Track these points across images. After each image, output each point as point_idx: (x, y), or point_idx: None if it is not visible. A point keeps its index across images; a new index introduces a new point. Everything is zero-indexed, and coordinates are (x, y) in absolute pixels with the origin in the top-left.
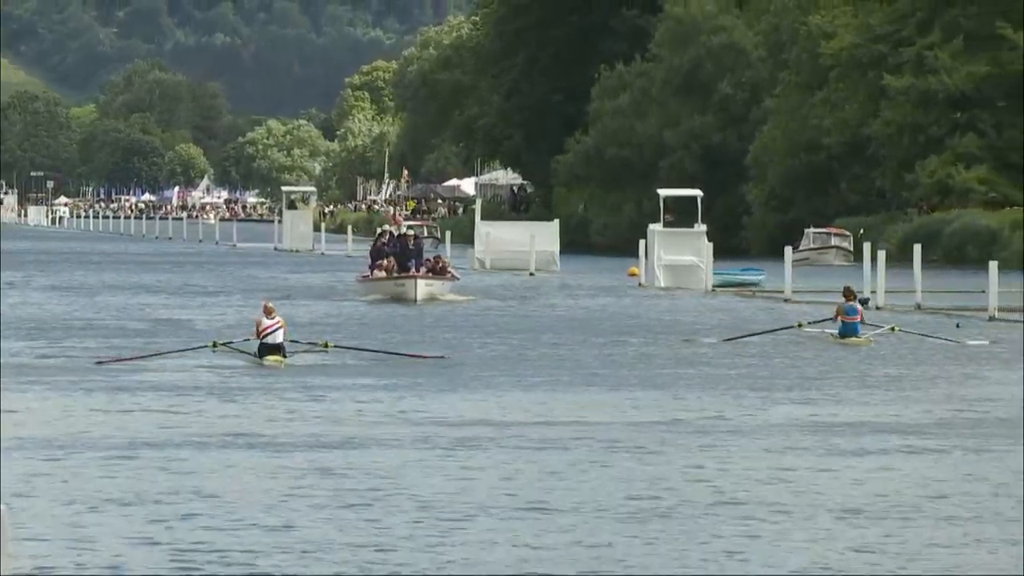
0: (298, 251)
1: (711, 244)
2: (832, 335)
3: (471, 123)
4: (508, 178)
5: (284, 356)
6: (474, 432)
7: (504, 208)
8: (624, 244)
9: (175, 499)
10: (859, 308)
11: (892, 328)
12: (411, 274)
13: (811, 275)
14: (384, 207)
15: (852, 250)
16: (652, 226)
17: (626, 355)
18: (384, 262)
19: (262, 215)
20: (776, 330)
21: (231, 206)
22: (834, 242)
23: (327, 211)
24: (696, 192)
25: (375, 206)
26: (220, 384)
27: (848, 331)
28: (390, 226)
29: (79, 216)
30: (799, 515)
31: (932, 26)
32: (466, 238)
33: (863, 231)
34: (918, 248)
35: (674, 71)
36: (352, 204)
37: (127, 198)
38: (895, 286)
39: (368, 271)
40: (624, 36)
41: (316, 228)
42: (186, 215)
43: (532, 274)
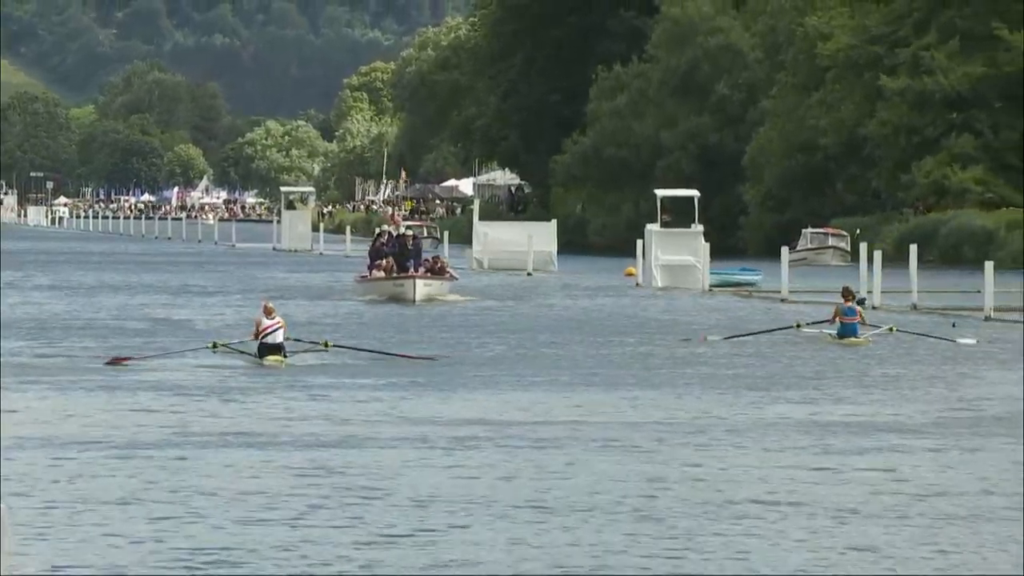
0: (297, 251)
1: (708, 244)
2: (831, 336)
3: (469, 124)
4: (506, 178)
5: (284, 356)
6: (472, 431)
7: (502, 208)
8: (621, 244)
9: (175, 499)
10: (858, 309)
11: (890, 328)
12: (410, 274)
13: (808, 275)
14: (382, 207)
15: (849, 250)
16: (649, 226)
17: (623, 355)
18: (383, 262)
19: (261, 215)
20: (774, 330)
21: (230, 206)
22: (831, 242)
23: (326, 211)
24: (693, 192)
25: (373, 206)
26: (220, 384)
27: (847, 332)
28: (389, 226)
29: (79, 216)
30: (797, 514)
31: (928, 27)
32: (464, 238)
33: (859, 231)
34: (914, 248)
35: (671, 72)
36: (350, 204)
37: (126, 198)
38: (891, 286)
39: (367, 271)
40: (621, 37)
41: (315, 228)
42: (185, 215)
43: (530, 274)
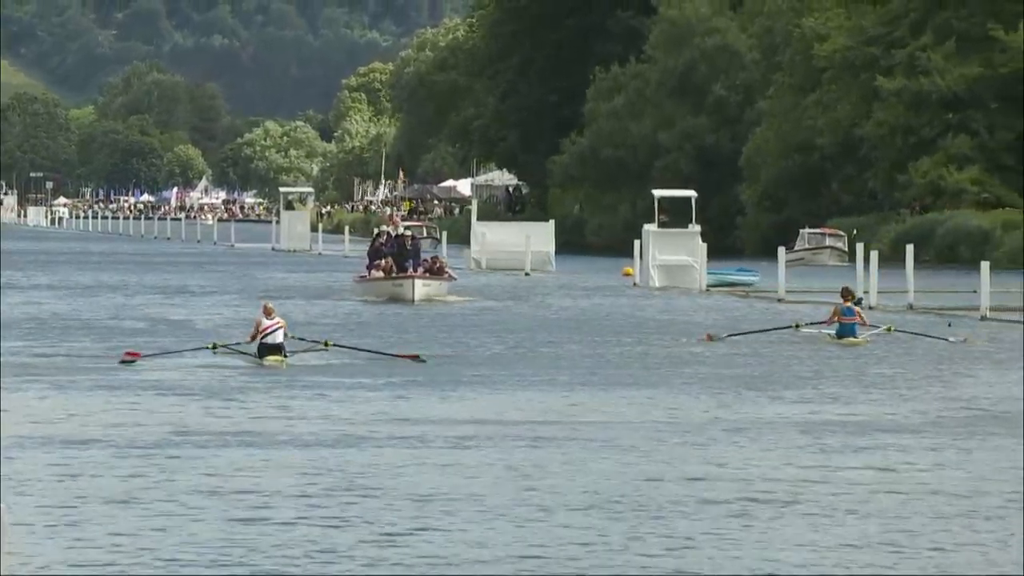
0: (295, 251)
1: (705, 244)
2: (829, 336)
3: (467, 124)
4: (504, 179)
5: (284, 356)
6: (470, 431)
7: (500, 209)
8: (619, 244)
9: (175, 499)
10: (857, 309)
11: (888, 328)
12: (409, 274)
13: (805, 275)
14: (381, 208)
15: (846, 250)
16: (647, 226)
17: (621, 354)
18: (382, 262)
19: (260, 216)
20: (774, 329)
21: (229, 207)
22: (828, 242)
23: (324, 212)
24: (690, 193)
25: (372, 207)
26: (221, 384)
27: (845, 332)
28: (387, 227)
29: (78, 217)
30: (795, 514)
31: (924, 28)
32: (462, 238)
33: (856, 231)
34: (910, 248)
35: (668, 73)
36: (349, 205)
37: (126, 199)
38: (888, 286)
39: (365, 271)
40: (619, 38)
41: (313, 228)
42: (184, 216)
43: (528, 274)
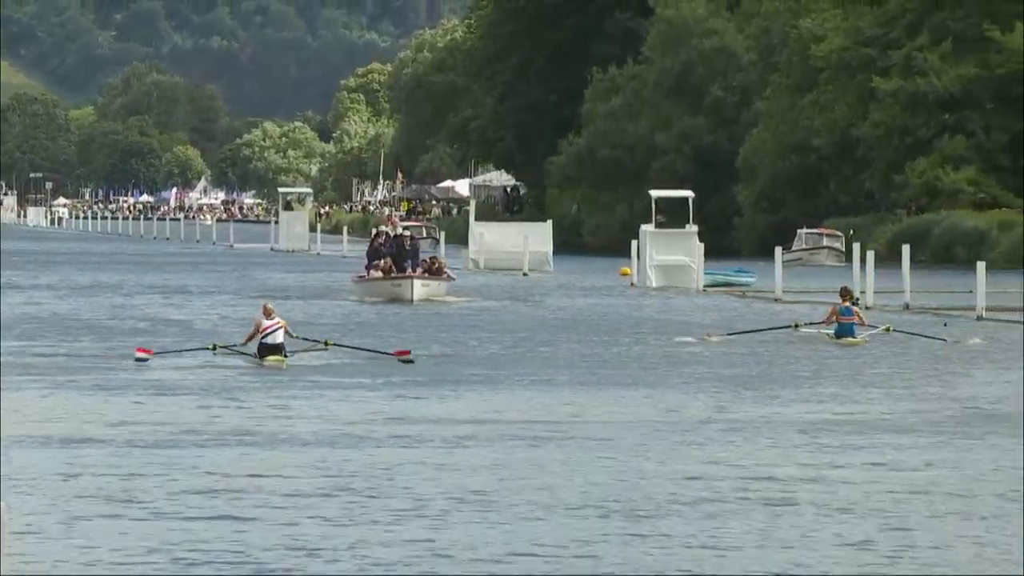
0: (294, 251)
1: (702, 244)
2: (828, 335)
3: (465, 125)
4: (502, 179)
5: (284, 356)
6: (468, 430)
7: (498, 209)
8: (616, 244)
9: (175, 498)
10: (855, 309)
11: (887, 328)
12: (407, 275)
13: (803, 275)
14: (379, 208)
15: (844, 250)
16: (644, 227)
17: (619, 354)
18: (381, 263)
19: (259, 216)
20: (772, 329)
21: (228, 207)
22: (826, 243)
23: (323, 212)
24: (687, 193)
25: (370, 207)
26: (221, 384)
27: (844, 332)
28: (386, 227)
29: (78, 217)
30: (793, 513)
31: (921, 29)
32: (460, 239)
33: (852, 232)
34: (907, 248)
35: (666, 73)
36: (347, 205)
37: (125, 199)
38: (884, 286)
39: (364, 271)
40: (616, 39)
41: (312, 229)
42: (184, 216)
43: (525, 274)
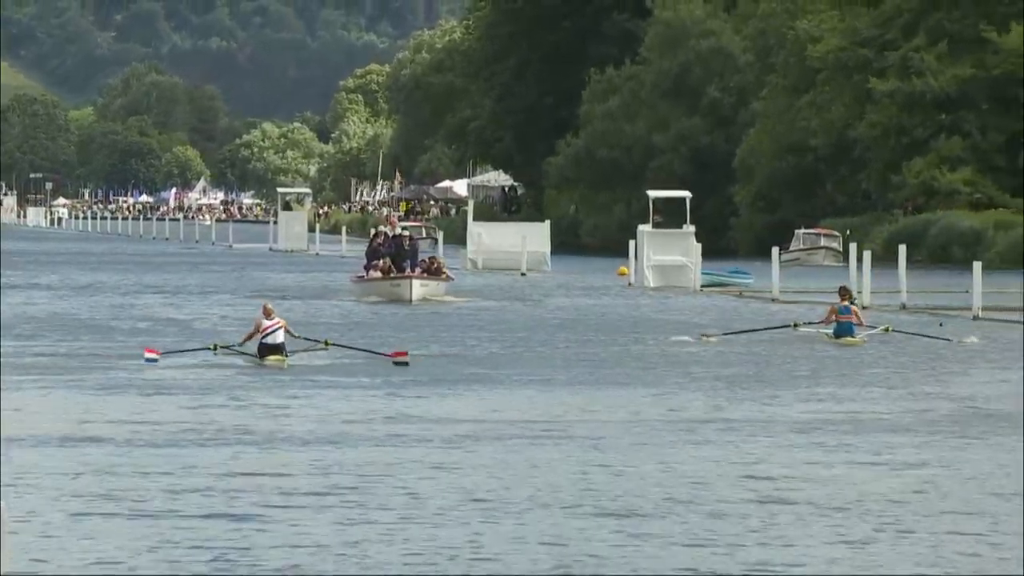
0: (293, 252)
1: (699, 245)
2: (827, 335)
3: (463, 125)
4: (500, 179)
5: (285, 356)
6: (465, 430)
7: (496, 209)
8: (614, 244)
9: (176, 498)
10: (854, 308)
11: (886, 328)
12: (406, 275)
13: (800, 275)
14: (377, 208)
15: (841, 251)
16: (641, 227)
17: (617, 353)
18: (380, 263)
19: (258, 216)
20: (772, 328)
21: (227, 207)
22: (823, 243)
23: (322, 212)
24: (685, 193)
25: (369, 207)
26: (221, 383)
27: (843, 331)
28: (385, 227)
29: (78, 217)
30: (790, 512)
31: (917, 29)
32: (459, 239)
33: (849, 232)
34: (903, 248)
35: (663, 75)
36: (346, 205)
37: (125, 199)
38: (881, 286)
39: (363, 271)
40: (614, 40)
41: (311, 229)
42: (183, 216)
43: (524, 274)
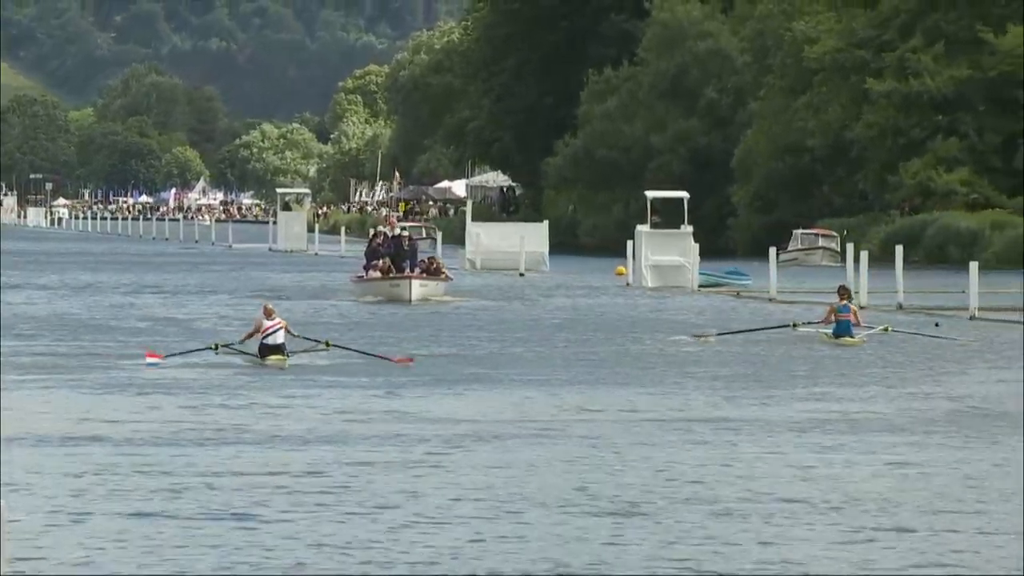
0: (293, 252)
1: (697, 245)
2: (826, 335)
3: (462, 126)
4: (498, 180)
5: (285, 356)
6: (463, 430)
7: (494, 209)
8: (612, 245)
9: (176, 497)
10: (852, 307)
11: (885, 328)
12: (406, 275)
13: (798, 275)
14: (376, 208)
15: (839, 251)
16: (639, 227)
17: (615, 353)
18: (380, 263)
19: (257, 216)
20: (771, 328)
21: (227, 207)
22: (821, 243)
23: (321, 212)
24: (682, 194)
25: (367, 207)
26: (221, 383)
27: (842, 331)
28: (384, 227)
29: (78, 217)
30: (788, 512)
31: (914, 30)
32: (457, 239)
33: (846, 232)
34: (900, 249)
35: (661, 75)
36: (345, 206)
37: (125, 200)
38: (878, 286)
39: (363, 271)
40: (612, 41)
41: (310, 229)
42: (183, 216)
43: (522, 274)
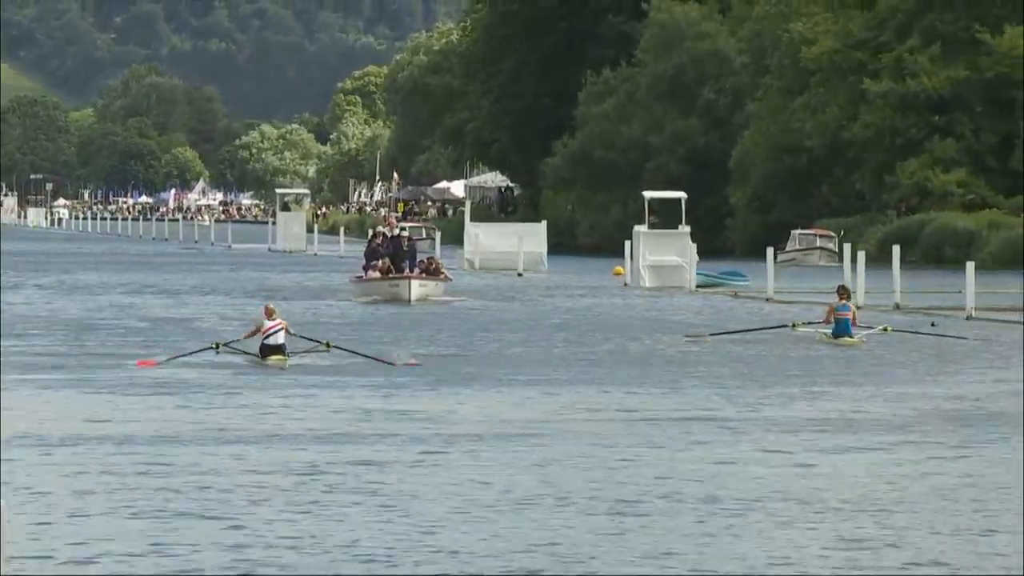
0: (291, 252)
1: (695, 245)
2: (825, 335)
3: (460, 126)
4: (497, 180)
5: (286, 356)
6: (462, 429)
7: (493, 210)
8: (610, 245)
9: (176, 497)
10: (852, 307)
11: (884, 328)
12: (405, 275)
13: (796, 275)
14: (375, 208)
15: (837, 251)
16: (637, 227)
17: (613, 353)
18: (379, 263)
19: (256, 217)
20: (770, 328)
21: (226, 208)
22: (819, 243)
23: (320, 213)
24: (680, 194)
25: (366, 208)
26: (222, 382)
27: (841, 331)
28: (383, 228)
29: (78, 218)
30: (787, 512)
31: (911, 31)
32: (456, 239)
33: (843, 232)
34: (897, 249)
35: (659, 76)
36: (344, 206)
37: (125, 200)
38: (875, 286)
39: (362, 271)
40: (610, 42)
41: (309, 229)
42: (182, 217)
43: (520, 275)
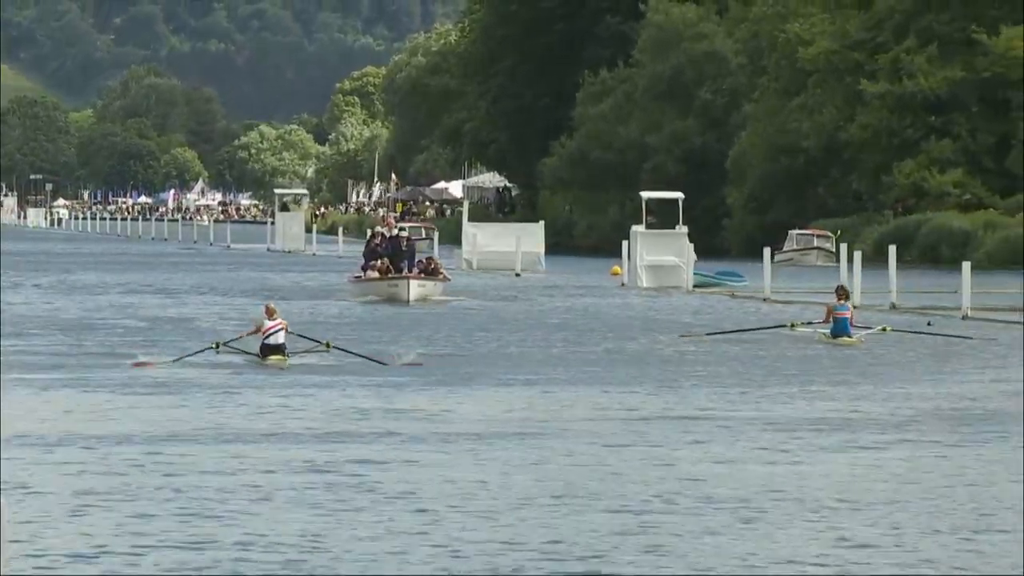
0: (290, 252)
1: (692, 245)
2: (824, 335)
3: (458, 127)
4: (495, 180)
5: (286, 356)
6: (461, 429)
7: (491, 210)
8: (608, 245)
9: (176, 497)
10: (850, 307)
11: (883, 328)
12: (404, 275)
13: (794, 276)
14: (374, 208)
15: (834, 251)
16: (634, 227)
17: (610, 352)
18: (378, 263)
19: (255, 217)
20: (769, 328)
21: (225, 208)
22: (816, 243)
23: (319, 213)
24: (677, 194)
25: (365, 208)
26: (222, 382)
27: (840, 331)
28: (382, 228)
29: (77, 218)
30: (785, 512)
31: (907, 32)
32: (454, 239)
33: (840, 232)
34: (893, 249)
35: (656, 77)
36: (343, 206)
37: (124, 200)
38: (871, 286)
39: (360, 271)
40: (608, 43)
41: (308, 229)
42: (181, 217)
43: (518, 275)
